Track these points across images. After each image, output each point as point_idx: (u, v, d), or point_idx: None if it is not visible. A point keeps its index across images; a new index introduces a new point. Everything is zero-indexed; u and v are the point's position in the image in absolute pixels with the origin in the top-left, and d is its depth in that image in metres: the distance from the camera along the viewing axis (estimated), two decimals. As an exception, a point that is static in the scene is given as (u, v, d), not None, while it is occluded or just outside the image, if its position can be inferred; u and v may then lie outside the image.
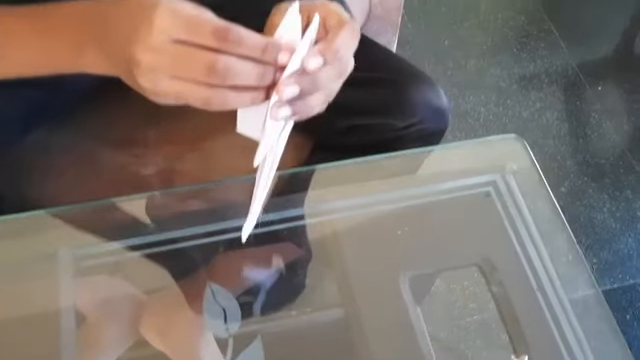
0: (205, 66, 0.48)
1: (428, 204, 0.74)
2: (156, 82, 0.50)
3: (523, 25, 1.79)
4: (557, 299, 0.65)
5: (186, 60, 0.49)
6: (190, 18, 0.49)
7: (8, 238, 0.66)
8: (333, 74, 0.54)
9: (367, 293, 0.68)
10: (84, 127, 0.86)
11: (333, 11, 0.56)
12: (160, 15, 0.49)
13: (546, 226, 0.70)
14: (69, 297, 0.63)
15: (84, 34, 0.55)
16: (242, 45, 0.49)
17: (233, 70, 0.49)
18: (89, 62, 0.55)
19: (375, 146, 0.76)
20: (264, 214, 0.71)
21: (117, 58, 0.52)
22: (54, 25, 0.57)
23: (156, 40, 0.49)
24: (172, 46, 0.49)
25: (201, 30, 0.49)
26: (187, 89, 0.50)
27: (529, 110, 1.63)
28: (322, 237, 0.72)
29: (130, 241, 0.67)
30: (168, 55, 0.49)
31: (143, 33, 0.49)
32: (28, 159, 0.82)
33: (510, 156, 0.76)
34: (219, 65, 0.48)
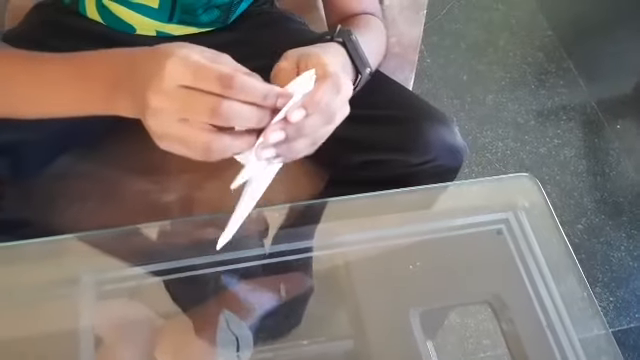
0: (209, 108, 0.52)
1: (440, 240, 0.74)
2: (162, 124, 0.54)
3: (542, 62, 1.81)
4: (567, 338, 0.65)
5: (191, 103, 0.53)
6: (198, 66, 0.53)
7: (33, 261, 0.68)
8: (318, 123, 0.57)
9: (377, 326, 0.68)
10: (108, 156, 0.89)
11: (322, 63, 0.61)
12: (172, 62, 0.53)
13: (557, 265, 0.71)
14: (89, 320, 0.65)
15: (116, 81, 0.59)
16: (245, 92, 0.53)
17: (235, 113, 0.52)
18: (120, 107, 0.59)
19: (389, 182, 0.78)
20: (275, 244, 0.73)
21: (137, 105, 0.55)
22: (88, 72, 0.61)
23: (165, 85, 0.53)
24: (179, 91, 0.53)
25: (207, 77, 0.52)
26: (190, 133, 0.53)
27: (547, 146, 1.64)
28: (333, 269, 0.73)
29: (150, 267, 0.69)
30: (175, 99, 0.53)
31: (156, 79, 0.53)
32: (53, 186, 0.85)
33: (523, 194, 0.77)
34: (222, 108, 0.52)
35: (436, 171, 0.78)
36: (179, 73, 0.53)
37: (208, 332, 0.68)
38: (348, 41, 0.70)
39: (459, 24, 1.87)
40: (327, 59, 0.61)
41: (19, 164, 0.75)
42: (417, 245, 0.74)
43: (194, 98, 0.52)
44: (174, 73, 0.53)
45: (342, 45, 0.70)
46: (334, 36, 0.71)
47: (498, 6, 1.93)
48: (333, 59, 0.63)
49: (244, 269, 0.72)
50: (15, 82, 0.65)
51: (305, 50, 0.64)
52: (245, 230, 0.75)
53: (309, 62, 0.61)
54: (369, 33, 0.79)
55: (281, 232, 0.74)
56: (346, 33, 0.71)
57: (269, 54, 0.87)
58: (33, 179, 0.80)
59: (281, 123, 0.56)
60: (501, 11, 1.92)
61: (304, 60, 0.62)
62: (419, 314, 0.67)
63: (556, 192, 1.55)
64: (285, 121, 0.56)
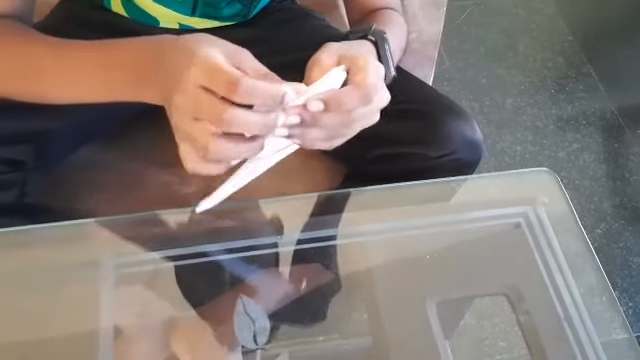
0: (215, 114, 0.55)
1: (458, 232, 0.74)
2: (179, 120, 0.57)
3: (562, 67, 1.80)
4: (585, 331, 0.65)
5: (204, 106, 0.55)
6: (214, 69, 0.55)
7: (54, 244, 0.70)
8: (334, 122, 0.59)
9: (395, 320, 0.68)
10: (130, 147, 0.90)
11: (365, 70, 0.61)
12: (195, 64, 0.56)
13: (575, 259, 0.71)
14: (108, 303, 0.66)
15: (142, 69, 0.61)
16: (252, 95, 0.55)
17: (239, 121, 0.55)
18: (146, 95, 0.61)
19: (407, 175, 0.78)
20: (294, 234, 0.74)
21: (164, 92, 0.58)
22: (116, 60, 0.64)
23: (186, 86, 0.56)
24: (197, 91, 0.55)
25: (217, 80, 0.55)
26: (197, 132, 0.56)
27: (566, 150, 1.63)
28: (352, 259, 0.74)
29: (168, 252, 0.70)
30: (192, 99, 0.56)
31: (180, 79, 0.56)
32: (77, 175, 0.87)
33: (542, 189, 0.76)
34: (226, 115, 0.54)
35: (455, 165, 0.78)
36: (199, 75, 0.56)
37: (225, 323, 0.69)
38: (381, 44, 0.71)
39: (479, 28, 1.87)
40: (371, 69, 0.62)
41: (43, 152, 0.76)
42: (435, 236, 0.74)
43: (207, 101, 0.55)
44: (195, 74, 0.56)
45: (374, 45, 0.71)
46: (368, 33, 0.72)
47: (518, 11, 1.93)
48: (376, 71, 0.63)
49: (262, 258, 0.73)
50: (43, 67, 0.67)
51: (349, 50, 0.65)
52: (263, 219, 0.76)
53: (353, 65, 0.62)
54: (391, 29, 0.80)
55: (301, 222, 0.74)
56: (380, 35, 0.72)
57: (289, 50, 0.88)
58: (57, 167, 0.82)
59: (300, 108, 0.57)
60: (521, 16, 1.92)
61: (348, 61, 0.62)
62: (435, 305, 0.67)
63: (575, 197, 1.54)
64: (302, 107, 0.58)
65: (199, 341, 0.68)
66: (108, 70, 0.64)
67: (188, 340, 0.68)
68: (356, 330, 0.71)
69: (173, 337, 0.68)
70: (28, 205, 0.74)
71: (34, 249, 0.70)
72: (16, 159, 0.73)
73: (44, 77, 0.67)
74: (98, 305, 0.66)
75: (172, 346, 0.66)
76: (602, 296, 0.68)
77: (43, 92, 0.69)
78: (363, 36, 0.72)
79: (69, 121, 0.78)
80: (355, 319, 0.71)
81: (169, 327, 0.69)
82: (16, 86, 0.69)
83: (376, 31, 0.72)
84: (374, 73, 0.62)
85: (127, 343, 0.67)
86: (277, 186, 0.88)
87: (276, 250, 0.74)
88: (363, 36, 0.72)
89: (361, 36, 0.72)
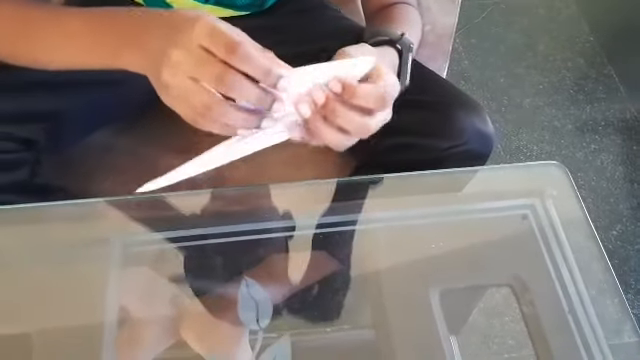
0: (215, 74, 0.55)
1: (464, 222, 0.74)
2: (175, 76, 0.56)
3: (582, 67, 1.79)
4: (588, 323, 0.64)
5: (203, 65, 0.55)
6: (215, 30, 0.55)
7: (64, 222, 0.71)
8: (342, 112, 0.59)
9: (399, 310, 0.68)
10: (144, 133, 0.91)
11: (381, 75, 0.61)
12: (199, 25, 0.56)
13: (582, 252, 0.70)
14: (116, 280, 0.67)
15: (125, 36, 0.62)
16: (248, 63, 0.55)
17: (237, 85, 0.55)
18: (126, 61, 0.61)
19: (418, 166, 0.78)
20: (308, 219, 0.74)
21: (151, 56, 0.58)
22: (102, 25, 0.64)
23: (188, 43, 0.55)
24: (198, 51, 0.55)
25: (218, 41, 0.55)
26: (196, 92, 0.55)
27: (583, 151, 1.61)
28: (357, 247, 0.74)
29: (176, 233, 0.71)
30: (193, 57, 0.55)
31: (183, 34, 0.56)
32: (89, 157, 0.88)
33: (551, 182, 0.76)
34: (227, 76, 0.54)
35: (465, 156, 0.78)
36: (202, 34, 0.55)
37: (233, 310, 0.69)
38: (405, 55, 0.73)
39: (499, 27, 1.86)
40: (390, 80, 0.62)
41: (56, 132, 0.77)
42: (441, 226, 0.74)
43: (207, 61, 0.55)
44: (199, 33, 0.55)
45: (397, 53, 0.73)
46: (396, 41, 0.73)
47: (539, 10, 1.91)
48: (394, 85, 0.63)
49: (271, 243, 0.73)
50: (37, 30, 0.67)
51: (380, 58, 0.65)
52: (273, 206, 0.76)
53: (375, 70, 0.61)
54: (407, 26, 0.80)
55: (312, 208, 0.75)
56: (407, 46, 0.73)
57: (304, 41, 0.89)
58: (70, 148, 0.83)
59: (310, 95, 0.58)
60: (542, 15, 1.91)
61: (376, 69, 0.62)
62: (439, 294, 0.67)
63: (591, 197, 1.53)
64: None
65: (207, 328, 0.69)
66: (92, 34, 0.64)
67: (197, 327, 0.69)
68: (359, 319, 0.71)
69: (182, 324, 0.68)
70: (39, 185, 0.76)
71: (44, 226, 0.71)
72: (29, 138, 0.74)
73: (36, 41, 0.67)
74: (105, 283, 0.67)
75: (181, 333, 0.67)
76: (608, 290, 0.68)
77: (33, 55, 0.68)
78: (390, 41, 0.73)
79: (83, 103, 0.79)
80: (359, 308, 0.71)
81: (177, 313, 0.69)
82: (11, 49, 0.69)
83: (404, 41, 0.73)
84: (392, 85, 0.62)
85: (134, 328, 0.68)
86: (286, 176, 0.89)
87: (284, 235, 0.75)
88: (390, 41, 0.73)
89: (387, 40, 0.73)
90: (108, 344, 0.64)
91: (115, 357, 0.64)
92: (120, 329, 0.66)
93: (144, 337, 0.68)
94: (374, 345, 0.68)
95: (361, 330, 0.70)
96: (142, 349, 0.67)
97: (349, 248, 0.74)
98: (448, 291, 0.68)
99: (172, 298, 0.71)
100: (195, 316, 0.69)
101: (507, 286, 0.69)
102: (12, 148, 0.73)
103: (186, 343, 0.66)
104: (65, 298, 0.67)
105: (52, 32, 0.67)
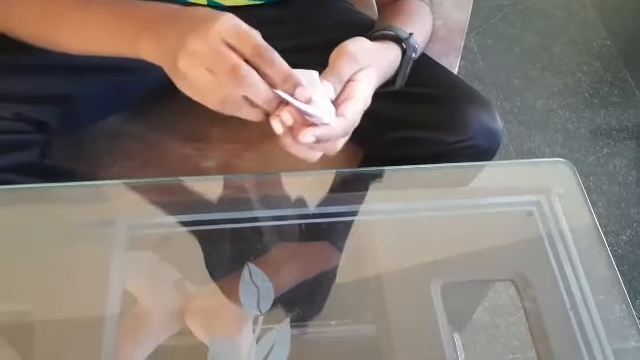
0: (230, 66, 0.57)
1: (469, 216, 0.74)
2: (191, 66, 0.58)
3: (597, 71, 1.77)
4: (590, 321, 0.64)
5: (221, 58, 0.57)
6: (242, 30, 0.58)
7: (71, 202, 0.71)
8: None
9: (399, 303, 0.68)
10: (154, 120, 0.92)
11: (352, 95, 0.63)
12: (222, 21, 0.58)
13: (586, 251, 0.70)
14: (119, 263, 0.68)
15: (145, 26, 0.63)
16: (271, 66, 0.58)
17: (250, 81, 0.57)
18: (143, 49, 0.63)
19: (424, 159, 0.78)
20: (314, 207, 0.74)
21: (167, 46, 0.60)
22: (123, 14, 0.66)
23: (210, 35, 0.57)
24: (219, 45, 0.57)
25: (245, 42, 0.58)
26: (212, 81, 0.58)
27: (596, 155, 1.60)
28: (360, 237, 0.74)
29: (182, 217, 0.71)
30: (211, 50, 0.57)
31: (204, 25, 0.58)
32: (100, 142, 0.89)
33: (557, 180, 0.75)
34: (241, 70, 0.57)
35: (472, 152, 0.78)
36: (226, 30, 0.58)
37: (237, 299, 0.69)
38: (408, 56, 0.74)
39: (515, 28, 1.85)
40: (359, 103, 0.64)
41: (68, 115, 0.78)
42: (445, 220, 0.74)
43: (225, 54, 0.57)
44: (222, 28, 0.58)
45: (402, 52, 0.74)
46: (403, 40, 0.73)
47: (556, 13, 1.90)
48: (362, 106, 0.65)
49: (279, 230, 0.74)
50: (59, 14, 0.69)
51: (368, 56, 0.67)
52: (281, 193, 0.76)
53: (349, 86, 0.64)
54: (416, 20, 0.80)
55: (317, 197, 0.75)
56: (412, 46, 0.74)
57: (316, 32, 0.89)
58: (81, 132, 0.84)
59: None
60: (559, 18, 1.89)
61: (351, 70, 0.65)
62: (440, 287, 0.67)
63: (602, 201, 1.52)
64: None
65: (210, 314, 0.69)
66: (114, 21, 0.66)
67: (200, 313, 0.69)
68: (360, 313, 0.71)
69: (185, 310, 0.68)
70: (48, 167, 0.76)
71: (51, 206, 0.72)
72: (41, 120, 0.75)
73: (58, 24, 0.69)
74: (109, 265, 0.68)
75: (186, 320, 0.67)
76: (611, 289, 0.67)
77: (55, 39, 0.70)
78: (396, 38, 0.73)
79: (97, 88, 0.80)
80: (360, 301, 0.71)
81: (181, 299, 0.69)
82: (32, 31, 0.71)
83: (410, 42, 0.74)
84: (359, 108, 0.64)
85: (137, 313, 0.68)
86: (293, 165, 0.89)
87: (291, 223, 0.75)
88: (396, 38, 0.73)
89: (393, 37, 0.73)
90: (110, 326, 0.65)
91: (117, 340, 0.64)
92: (123, 314, 0.66)
93: (147, 323, 0.68)
94: (374, 338, 0.68)
95: (361, 324, 0.70)
96: (145, 335, 0.67)
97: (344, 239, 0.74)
98: (450, 285, 0.68)
99: (176, 283, 0.71)
100: (198, 302, 0.69)
101: (509, 281, 0.69)
102: (23, 129, 0.74)
103: (189, 329, 0.66)
104: (69, 278, 0.67)
105: (75, 17, 0.68)
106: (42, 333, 0.63)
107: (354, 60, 0.65)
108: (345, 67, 0.64)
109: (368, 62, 0.66)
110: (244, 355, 0.62)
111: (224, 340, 0.64)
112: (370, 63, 0.66)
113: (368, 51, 0.68)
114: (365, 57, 0.66)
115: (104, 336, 0.63)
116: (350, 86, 0.64)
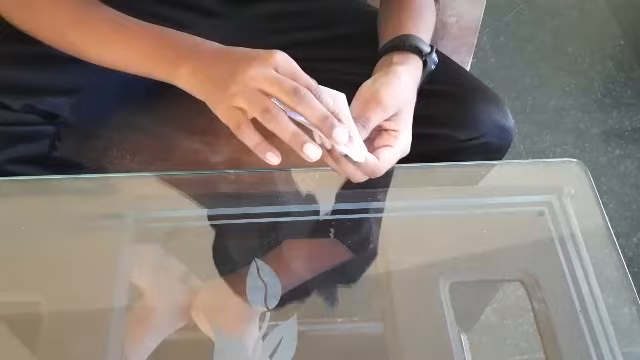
0: (263, 107, 0.60)
1: (479, 216, 0.73)
2: (245, 87, 0.60)
3: (611, 71, 1.76)
4: (601, 324, 0.63)
5: (276, 81, 0.60)
6: (297, 68, 0.62)
7: (81, 195, 0.72)
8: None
9: (408, 302, 0.68)
10: (164, 114, 0.92)
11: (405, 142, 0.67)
12: (278, 55, 0.61)
13: (597, 252, 0.69)
14: (127, 256, 0.68)
15: (185, 53, 0.65)
16: (309, 107, 0.60)
17: (278, 121, 0.60)
18: (180, 78, 0.65)
19: (435, 156, 0.77)
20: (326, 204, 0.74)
21: (216, 74, 0.63)
22: (167, 40, 0.67)
23: (267, 64, 0.61)
24: (273, 72, 0.60)
25: (300, 77, 0.61)
26: (259, 99, 0.60)
27: (607, 156, 1.59)
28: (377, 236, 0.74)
29: (190, 212, 0.71)
30: (267, 75, 0.60)
31: (263, 54, 0.61)
32: (109, 135, 0.89)
33: (570, 180, 0.75)
34: (273, 110, 0.59)
35: (483, 149, 0.77)
36: (282, 63, 0.61)
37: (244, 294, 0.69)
38: (429, 68, 0.74)
39: (528, 26, 1.84)
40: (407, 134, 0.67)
41: (79, 107, 0.78)
42: (456, 218, 0.73)
43: (282, 78, 0.60)
44: (280, 61, 0.61)
45: (423, 63, 0.74)
46: (424, 53, 0.74)
47: (570, 12, 1.89)
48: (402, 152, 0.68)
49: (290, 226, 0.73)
50: (95, 26, 0.70)
51: (401, 109, 0.67)
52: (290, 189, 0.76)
53: (397, 135, 0.66)
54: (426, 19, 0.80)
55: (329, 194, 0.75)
56: (432, 60, 0.75)
57: (329, 26, 0.88)
58: (91, 125, 0.84)
59: None
60: (572, 17, 1.88)
61: (398, 128, 0.66)
62: (449, 286, 0.67)
63: (613, 203, 1.50)
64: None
65: (217, 309, 0.69)
66: (161, 43, 0.67)
67: (206, 308, 0.69)
68: (368, 310, 0.70)
69: (193, 306, 0.68)
70: (57, 159, 0.76)
71: (59, 198, 0.72)
72: (50, 111, 0.75)
73: (90, 37, 0.70)
74: (117, 258, 0.68)
75: (192, 315, 0.67)
76: (621, 291, 0.66)
77: (83, 51, 0.71)
78: (418, 51, 0.73)
79: (106, 80, 0.80)
80: (368, 298, 0.71)
81: (188, 293, 0.69)
82: (61, 41, 0.71)
83: (432, 58, 0.74)
84: (396, 157, 0.66)
85: (144, 307, 0.68)
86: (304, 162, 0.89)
87: (300, 220, 0.75)
88: (418, 51, 0.73)
89: (416, 50, 0.73)
90: (117, 318, 0.65)
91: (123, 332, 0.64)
92: (130, 307, 0.66)
93: (153, 316, 0.68)
94: (381, 336, 0.67)
95: (369, 322, 0.70)
96: (151, 328, 0.67)
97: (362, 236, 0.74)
98: (458, 285, 0.68)
99: (183, 277, 0.71)
100: (205, 297, 0.69)
101: (519, 282, 0.68)
102: (33, 120, 0.74)
103: (195, 324, 0.66)
104: (76, 270, 0.67)
105: (106, 32, 0.69)
106: (49, 324, 0.63)
107: (384, 110, 0.65)
108: (373, 116, 0.65)
109: (398, 107, 0.66)
110: (250, 351, 0.61)
111: (230, 336, 0.64)
112: (400, 108, 0.67)
113: (397, 95, 0.67)
114: (396, 103, 0.66)
115: (110, 328, 0.63)
116: (392, 135, 0.65)
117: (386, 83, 0.67)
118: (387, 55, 0.73)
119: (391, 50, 0.73)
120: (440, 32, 0.94)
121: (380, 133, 0.66)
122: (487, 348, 0.72)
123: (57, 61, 0.74)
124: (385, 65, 0.71)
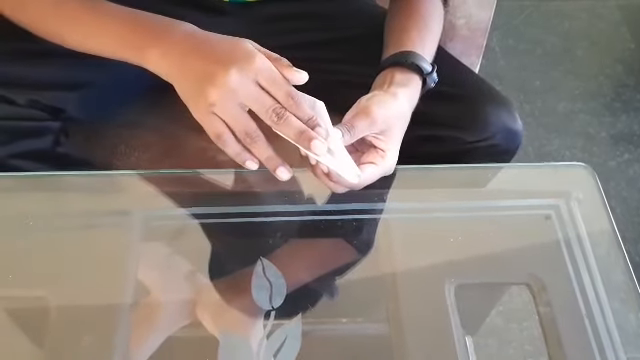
0: (271, 106, 0.61)
1: (487, 218, 0.73)
2: (226, 100, 0.61)
3: (620, 75, 1.75)
4: (606, 329, 0.63)
5: (257, 98, 0.61)
6: (275, 73, 0.62)
7: (88, 192, 0.72)
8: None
9: (413, 303, 0.67)
10: (171, 111, 0.91)
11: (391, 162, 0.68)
12: (259, 60, 0.61)
13: (604, 258, 0.69)
14: (134, 254, 0.68)
15: (154, 39, 0.65)
16: (299, 109, 0.62)
17: (257, 145, 0.62)
18: (149, 61, 0.65)
19: (443, 158, 0.77)
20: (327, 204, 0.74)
21: (192, 73, 0.63)
22: (138, 24, 0.67)
23: (248, 72, 0.60)
24: (253, 84, 0.61)
25: (280, 86, 0.61)
26: (242, 119, 0.62)
27: (616, 160, 1.58)
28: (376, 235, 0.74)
29: (197, 210, 0.71)
30: (247, 88, 0.60)
31: (243, 60, 0.61)
32: (117, 132, 0.89)
33: (577, 184, 0.74)
34: (278, 110, 0.61)
35: (491, 151, 0.77)
36: (261, 70, 0.61)
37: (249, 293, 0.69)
38: (428, 86, 0.75)
39: (537, 29, 1.83)
40: (394, 154, 0.68)
41: (84, 103, 0.78)
42: (462, 221, 0.73)
43: (259, 94, 0.61)
44: (259, 67, 0.61)
45: (422, 82, 0.74)
46: (424, 73, 0.74)
47: (580, 15, 1.88)
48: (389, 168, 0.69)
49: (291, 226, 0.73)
50: (75, 15, 0.70)
51: (391, 125, 0.68)
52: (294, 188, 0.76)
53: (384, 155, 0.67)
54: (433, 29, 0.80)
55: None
56: (432, 79, 0.75)
57: (334, 27, 0.89)
58: (97, 121, 0.84)
59: None
60: (583, 20, 1.87)
61: (386, 147, 0.68)
62: (455, 288, 0.67)
63: (621, 208, 1.50)
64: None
65: (222, 308, 0.69)
66: (127, 27, 0.67)
67: (212, 307, 0.69)
68: (373, 311, 0.70)
69: (197, 303, 0.68)
70: (61, 154, 0.76)
71: (66, 195, 0.72)
72: (55, 107, 0.75)
73: (69, 25, 0.70)
74: (124, 255, 0.68)
75: (197, 313, 0.67)
76: (628, 297, 0.66)
77: (63, 38, 0.71)
78: (419, 70, 0.73)
79: (112, 75, 0.80)
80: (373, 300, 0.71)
81: (194, 292, 0.69)
82: (43, 28, 0.71)
83: (432, 77, 0.75)
84: (377, 175, 0.67)
85: (150, 305, 0.68)
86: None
87: (305, 219, 0.75)
88: (419, 70, 0.73)
89: (416, 68, 0.73)
90: (123, 315, 0.65)
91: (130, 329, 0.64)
92: (136, 304, 0.66)
93: (159, 314, 0.69)
94: (386, 337, 0.67)
95: (373, 323, 0.70)
96: (157, 326, 0.67)
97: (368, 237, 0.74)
98: (464, 287, 0.67)
99: (189, 275, 0.71)
100: (211, 296, 0.69)
101: (524, 285, 0.68)
102: (37, 116, 0.74)
103: (201, 322, 0.66)
104: (83, 267, 0.67)
105: (86, 20, 0.69)
106: (56, 319, 0.64)
107: (372, 122, 0.66)
108: (359, 123, 0.65)
109: (388, 124, 0.67)
110: (254, 350, 0.61)
111: (235, 334, 0.64)
112: (390, 125, 0.67)
113: (388, 111, 0.68)
114: (386, 119, 0.67)
115: (117, 325, 0.64)
116: (379, 155, 0.67)
117: (381, 101, 0.68)
118: (388, 70, 0.73)
119: (392, 65, 0.73)
120: (449, 34, 0.94)
121: (369, 149, 0.67)
122: (492, 351, 0.72)
123: (60, 56, 0.74)
124: (386, 83, 0.72)
